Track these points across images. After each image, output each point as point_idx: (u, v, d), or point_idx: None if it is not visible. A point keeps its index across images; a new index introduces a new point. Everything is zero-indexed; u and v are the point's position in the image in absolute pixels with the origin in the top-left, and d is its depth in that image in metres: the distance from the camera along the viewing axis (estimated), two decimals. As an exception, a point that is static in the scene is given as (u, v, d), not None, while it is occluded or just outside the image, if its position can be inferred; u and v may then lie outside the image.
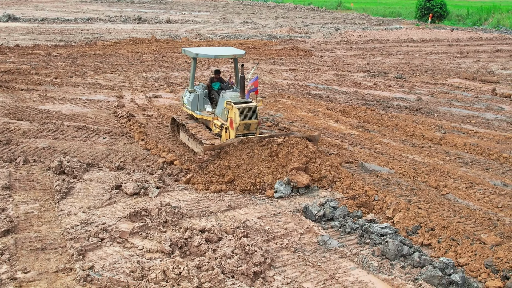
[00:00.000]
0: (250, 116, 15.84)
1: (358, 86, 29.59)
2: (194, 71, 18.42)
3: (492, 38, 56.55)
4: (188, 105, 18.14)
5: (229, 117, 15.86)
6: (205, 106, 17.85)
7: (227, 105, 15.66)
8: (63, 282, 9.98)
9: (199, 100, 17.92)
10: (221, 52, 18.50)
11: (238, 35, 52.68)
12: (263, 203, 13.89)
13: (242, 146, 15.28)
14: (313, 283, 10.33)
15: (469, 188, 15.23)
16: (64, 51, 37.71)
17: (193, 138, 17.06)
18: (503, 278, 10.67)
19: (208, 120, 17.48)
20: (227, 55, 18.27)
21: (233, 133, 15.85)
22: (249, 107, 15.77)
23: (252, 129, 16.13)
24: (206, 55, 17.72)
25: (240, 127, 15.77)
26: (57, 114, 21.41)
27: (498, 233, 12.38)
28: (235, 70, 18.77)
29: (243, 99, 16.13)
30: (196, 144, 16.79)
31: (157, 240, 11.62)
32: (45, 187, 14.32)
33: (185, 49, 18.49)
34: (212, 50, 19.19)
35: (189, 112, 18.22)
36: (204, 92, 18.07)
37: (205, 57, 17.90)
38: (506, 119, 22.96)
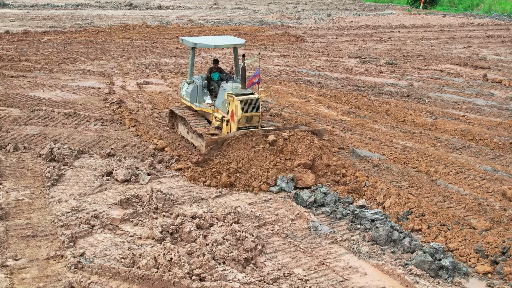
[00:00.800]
0: (252, 109, 15.25)
1: (349, 72, 29.58)
2: (192, 61, 17.62)
3: (484, 23, 56.56)
4: (187, 96, 17.44)
5: (230, 110, 15.27)
6: (205, 98, 17.20)
7: (228, 97, 15.04)
8: (54, 269, 9.98)
9: (198, 91, 17.23)
10: (220, 42, 17.75)
11: (229, 21, 52.47)
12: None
13: (246, 139, 14.67)
14: (303, 268, 10.37)
15: (460, 173, 15.30)
16: (54, 38, 37.46)
17: (192, 131, 16.43)
18: (493, 263, 10.74)
19: (207, 112, 16.80)
20: (227, 45, 17.49)
21: (234, 126, 15.25)
22: (251, 99, 15.18)
23: (254, 122, 15.54)
24: (205, 44, 17.01)
25: (241, 120, 15.18)
26: (47, 101, 21.30)
27: (488, 218, 12.45)
28: (235, 60, 18.18)
29: (245, 91, 15.52)
30: (196, 137, 16.23)
31: (148, 226, 11.61)
32: (35, 174, 14.27)
33: (183, 38, 17.77)
34: (211, 39, 18.35)
35: (188, 104, 17.53)
36: (203, 83, 17.41)
37: (204, 46, 17.22)
38: (496, 105, 23.02)
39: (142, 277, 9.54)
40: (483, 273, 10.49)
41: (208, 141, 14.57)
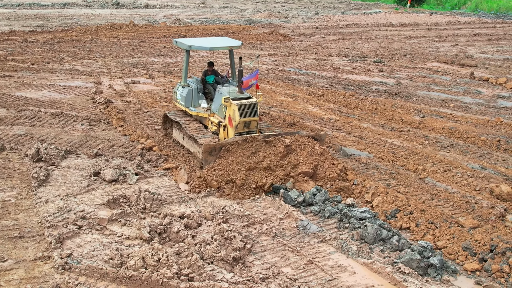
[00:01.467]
0: (251, 113, 14.70)
1: (337, 70, 29.61)
2: (187, 64, 17.01)
3: (471, 22, 56.79)
4: (182, 100, 16.86)
5: (228, 115, 14.75)
6: (200, 102, 16.64)
7: (226, 102, 14.54)
8: (41, 271, 9.90)
9: (194, 95, 16.62)
10: (216, 44, 16.78)
11: (217, 20, 52.39)
12: (242, 189, 13.87)
13: (246, 145, 14.06)
14: (292, 267, 10.35)
15: (447, 171, 15.34)
16: (41, 37, 37.28)
17: (188, 137, 15.85)
18: (481, 261, 10.77)
19: (203, 117, 16.23)
20: (223, 47, 16.60)
21: (232, 131, 14.72)
22: (249, 104, 14.61)
23: (252, 127, 15.01)
24: (200, 47, 16.22)
25: (239, 125, 14.66)
26: (34, 100, 21.17)
27: (476, 216, 12.48)
28: (231, 63, 17.49)
29: (242, 95, 15.01)
30: (192, 143, 15.61)
31: (136, 227, 11.56)
32: (22, 175, 14.17)
33: (177, 40, 17.13)
34: (206, 41, 17.46)
35: (183, 108, 16.99)
36: (198, 87, 16.79)
37: (199, 49, 16.45)
38: (484, 103, 23.10)
39: (130, 277, 9.48)
40: (471, 270, 10.51)
41: (206, 147, 13.90)
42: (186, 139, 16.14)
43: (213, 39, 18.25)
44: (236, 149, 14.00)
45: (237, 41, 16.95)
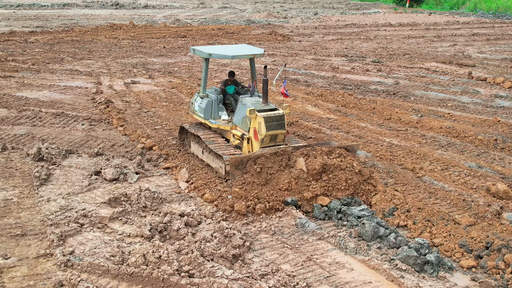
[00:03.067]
0: (277, 126, 13.86)
1: (336, 70, 29.77)
2: (206, 74, 15.99)
3: (469, 22, 56.94)
4: (200, 112, 15.96)
5: (253, 127, 13.93)
6: (220, 114, 15.78)
7: (251, 114, 13.71)
8: (43, 268, 10.06)
9: (213, 106, 15.71)
10: (238, 52, 15.72)
11: (216, 20, 52.57)
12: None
13: (275, 159, 13.14)
14: (291, 264, 10.51)
15: (445, 170, 15.49)
16: (41, 38, 37.45)
17: (209, 151, 14.99)
18: (477, 258, 10.93)
19: (224, 130, 15.47)
20: (245, 55, 15.52)
21: (257, 145, 13.90)
22: (276, 116, 13.80)
23: (279, 140, 14.16)
24: (221, 55, 15.25)
25: (265, 139, 13.84)
26: (35, 101, 21.34)
27: (472, 214, 12.64)
28: (252, 71, 16.49)
29: (267, 106, 14.18)
30: (214, 158, 14.79)
31: (137, 225, 11.73)
32: (24, 174, 14.33)
33: (195, 48, 16.13)
34: (226, 49, 16.34)
35: (201, 121, 16.09)
36: (218, 98, 15.86)
37: (219, 57, 15.45)
38: (481, 102, 23.26)
39: (131, 274, 9.64)
40: (467, 267, 10.67)
41: (233, 161, 12.95)
42: (206, 154, 15.35)
43: (234, 47, 17.23)
44: (266, 162, 13.07)
45: (259, 49, 16.10)
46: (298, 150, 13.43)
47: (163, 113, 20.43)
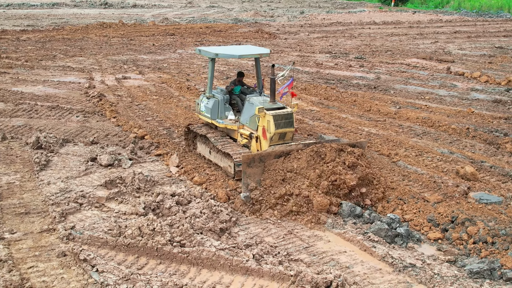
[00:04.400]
0: (286, 124, 13.93)
1: (320, 66, 30.83)
2: (212, 74, 15.94)
3: (452, 20, 58.18)
4: (207, 112, 15.83)
5: (261, 126, 13.93)
6: (227, 114, 15.74)
7: (259, 112, 13.72)
8: (47, 241, 11.01)
9: (220, 106, 15.65)
10: (244, 52, 15.82)
11: (204, 19, 53.52)
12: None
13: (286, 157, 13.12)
14: (273, 237, 11.52)
15: (419, 156, 16.55)
16: (32, 36, 38.29)
17: (217, 150, 15.06)
18: (443, 231, 11.98)
19: (232, 129, 15.41)
20: (252, 55, 15.59)
21: (266, 144, 13.87)
22: (285, 114, 13.90)
23: (287, 138, 14.20)
24: (228, 55, 15.44)
25: (274, 137, 13.86)
26: (30, 95, 22.23)
27: (441, 194, 13.69)
28: (257, 70, 16.47)
29: (275, 104, 14.26)
30: (222, 157, 14.84)
31: (131, 204, 12.70)
32: (24, 161, 15.27)
33: (201, 48, 16.13)
34: (232, 49, 16.60)
35: (208, 121, 15.93)
36: (225, 98, 15.81)
37: (226, 57, 15.66)
38: (458, 95, 24.36)
39: (128, 245, 10.60)
40: (434, 239, 11.70)
41: (245, 158, 12.62)
42: (214, 154, 15.39)
43: (239, 47, 17.45)
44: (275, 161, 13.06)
45: (265, 49, 16.17)
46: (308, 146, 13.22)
47: (154, 106, 21.40)
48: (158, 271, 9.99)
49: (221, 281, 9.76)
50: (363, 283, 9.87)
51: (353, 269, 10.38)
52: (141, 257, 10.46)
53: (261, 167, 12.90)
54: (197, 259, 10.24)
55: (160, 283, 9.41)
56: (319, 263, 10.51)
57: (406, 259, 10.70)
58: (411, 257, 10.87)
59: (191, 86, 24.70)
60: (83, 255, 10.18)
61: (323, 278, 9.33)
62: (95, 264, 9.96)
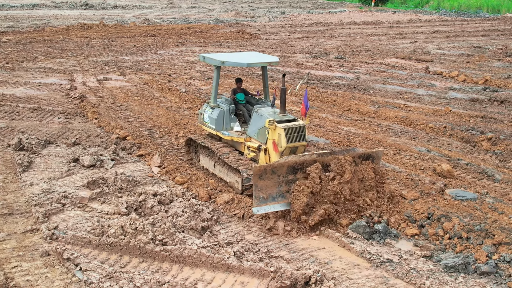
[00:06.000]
0: (298, 138, 13.06)
1: (300, 66, 31.12)
2: (217, 83, 15.09)
3: (431, 20, 58.79)
4: (211, 123, 14.91)
5: (271, 139, 13.08)
6: (232, 125, 14.89)
7: (270, 125, 12.84)
8: (31, 241, 11.16)
9: (225, 117, 14.76)
10: (253, 60, 14.70)
11: (185, 20, 53.66)
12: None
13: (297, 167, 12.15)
14: (254, 235, 11.77)
15: (397, 154, 16.87)
16: (13, 37, 38.23)
17: (222, 164, 14.31)
18: (419, 227, 12.28)
19: (238, 141, 14.53)
20: (260, 63, 14.67)
21: (276, 157, 12.97)
22: (297, 127, 13.01)
23: (299, 153, 13.16)
24: (235, 63, 14.43)
25: (285, 151, 13.00)
26: (11, 97, 22.27)
27: (419, 191, 14.00)
28: (264, 79, 15.73)
29: (286, 117, 13.37)
30: (228, 172, 14.17)
31: (114, 204, 12.87)
32: (6, 162, 15.37)
33: (205, 55, 15.24)
34: (239, 56, 15.54)
35: (212, 132, 15.05)
36: (230, 108, 14.91)
37: (233, 65, 14.69)
38: (436, 94, 24.76)
39: (111, 244, 10.78)
40: (411, 235, 11.99)
41: (257, 170, 11.62)
42: (219, 167, 14.64)
43: (246, 54, 16.40)
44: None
45: (274, 57, 15.11)
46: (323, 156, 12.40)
47: (135, 107, 21.56)
48: (141, 269, 10.18)
49: (203, 278, 9.97)
50: (341, 278, 10.14)
51: (331, 265, 10.65)
52: (124, 255, 10.63)
53: (273, 179, 11.90)
54: (179, 257, 10.44)
55: (142, 281, 9.61)
56: (298, 260, 10.77)
57: (383, 255, 10.98)
58: (388, 252, 11.15)
59: (172, 87, 24.87)
60: (67, 254, 10.33)
61: (302, 273, 9.57)
62: (79, 263, 10.12)
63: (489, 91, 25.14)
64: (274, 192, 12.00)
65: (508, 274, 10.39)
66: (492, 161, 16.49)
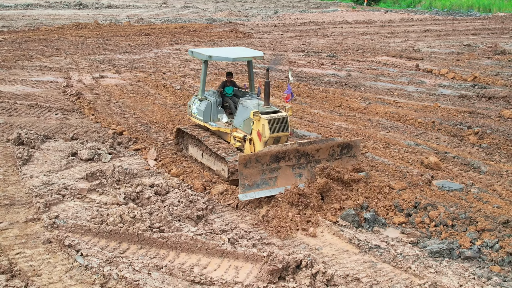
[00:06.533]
0: (281, 128, 13.83)
1: (293, 64, 31.58)
2: (205, 76, 15.87)
3: (423, 19, 59.36)
4: (199, 115, 15.76)
5: (256, 130, 13.90)
6: (219, 116, 15.71)
7: (254, 116, 13.67)
8: (33, 229, 11.59)
9: (213, 109, 15.58)
10: (238, 54, 15.75)
11: (179, 19, 54.06)
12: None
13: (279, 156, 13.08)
14: (247, 224, 12.22)
15: (386, 148, 17.36)
16: (8, 37, 38.57)
17: (209, 153, 15.07)
18: (407, 215, 12.76)
19: (225, 132, 15.33)
20: (246, 58, 15.51)
21: (260, 146, 13.77)
22: (280, 118, 13.78)
23: (282, 142, 13.97)
24: (222, 57, 15.29)
25: (269, 141, 13.70)
26: (9, 94, 22.65)
27: (407, 182, 14.49)
28: (249, 73, 16.41)
29: (270, 108, 14.13)
30: (215, 160, 14.85)
31: (112, 195, 13.30)
32: (6, 156, 15.78)
33: (194, 50, 16.00)
34: (226, 51, 16.38)
35: (200, 123, 15.91)
36: (218, 100, 15.72)
37: (220, 60, 15.58)
38: (425, 91, 25.28)
39: (110, 231, 11.22)
40: (398, 223, 12.48)
41: (242, 159, 12.51)
42: (206, 156, 15.39)
43: (233, 49, 17.47)
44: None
45: (259, 52, 15.89)
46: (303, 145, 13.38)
47: (131, 104, 21.99)
48: (139, 255, 10.63)
49: (199, 263, 10.43)
50: (331, 262, 10.62)
51: (322, 250, 11.13)
52: (123, 242, 11.08)
53: (257, 167, 12.78)
54: (176, 244, 10.90)
55: (141, 265, 10.07)
56: (290, 246, 11.25)
57: (371, 241, 11.47)
58: (376, 239, 11.64)
59: (167, 84, 25.30)
60: (68, 241, 10.77)
61: (293, 257, 10.05)
62: (80, 249, 10.56)
63: (478, 87, 25.67)
64: (259, 179, 12.86)
65: (491, 258, 10.91)
66: (479, 154, 17.00)
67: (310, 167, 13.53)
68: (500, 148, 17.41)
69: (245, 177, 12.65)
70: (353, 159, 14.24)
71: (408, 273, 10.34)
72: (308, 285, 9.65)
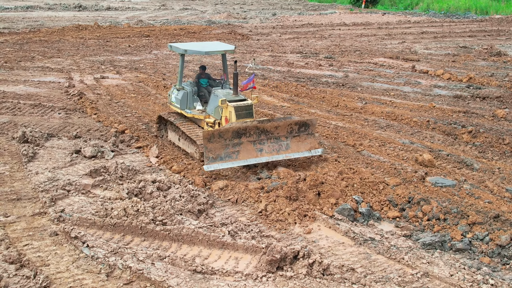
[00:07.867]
0: (246, 115, 15.39)
1: (291, 65, 32.05)
2: (182, 68, 17.43)
3: (420, 21, 59.77)
4: (177, 103, 17.26)
5: (224, 116, 15.46)
6: (195, 104, 17.09)
7: (222, 104, 15.19)
8: (39, 223, 12.02)
9: (189, 98, 17.02)
10: (211, 48, 17.33)
11: (178, 21, 54.48)
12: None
13: (240, 132, 14.68)
14: (247, 218, 12.65)
15: (382, 146, 17.81)
16: (9, 38, 38.96)
17: (185, 137, 16.61)
18: (401, 210, 13.21)
19: (199, 118, 16.79)
20: (218, 51, 17.13)
21: None
22: (245, 105, 15.36)
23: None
24: (196, 51, 16.92)
25: None
26: (12, 94, 23.07)
27: (401, 178, 14.93)
28: (223, 66, 17.91)
29: (237, 97, 15.69)
30: (189, 144, 16.43)
31: (115, 190, 13.74)
32: (12, 153, 16.20)
33: (172, 45, 17.54)
34: (201, 45, 18.10)
35: (178, 111, 17.39)
36: (193, 90, 17.15)
37: (194, 53, 17.24)
38: (421, 91, 25.74)
39: (114, 225, 11.65)
40: (392, 217, 12.93)
41: (206, 134, 14.17)
42: (182, 140, 16.92)
43: (207, 44, 19.09)
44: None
45: (230, 46, 17.53)
46: (262, 122, 14.93)
47: (132, 103, 22.44)
48: (143, 247, 11.06)
49: (200, 254, 10.87)
50: (327, 254, 11.07)
51: (318, 243, 11.57)
52: (127, 235, 11.52)
53: (221, 142, 14.41)
54: (178, 236, 11.34)
55: (145, 255, 10.51)
56: (288, 238, 11.69)
57: (366, 234, 11.93)
58: (371, 232, 12.09)
59: (167, 85, 25.72)
60: (74, 233, 11.21)
61: (291, 248, 10.50)
62: (86, 241, 11.00)
63: (473, 88, 26.14)
64: (222, 153, 14.56)
65: (481, 250, 11.36)
66: (472, 152, 17.46)
67: (270, 143, 15.15)
68: (492, 146, 17.88)
69: (209, 151, 14.34)
70: (311, 137, 15.80)
71: (401, 263, 10.79)
72: (305, 274, 10.10)
